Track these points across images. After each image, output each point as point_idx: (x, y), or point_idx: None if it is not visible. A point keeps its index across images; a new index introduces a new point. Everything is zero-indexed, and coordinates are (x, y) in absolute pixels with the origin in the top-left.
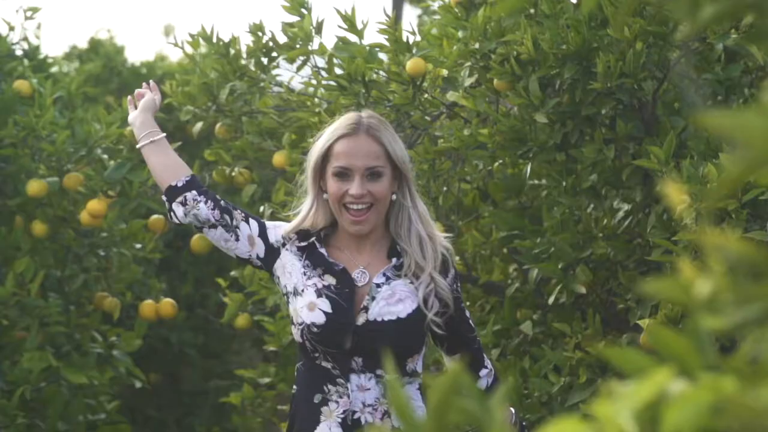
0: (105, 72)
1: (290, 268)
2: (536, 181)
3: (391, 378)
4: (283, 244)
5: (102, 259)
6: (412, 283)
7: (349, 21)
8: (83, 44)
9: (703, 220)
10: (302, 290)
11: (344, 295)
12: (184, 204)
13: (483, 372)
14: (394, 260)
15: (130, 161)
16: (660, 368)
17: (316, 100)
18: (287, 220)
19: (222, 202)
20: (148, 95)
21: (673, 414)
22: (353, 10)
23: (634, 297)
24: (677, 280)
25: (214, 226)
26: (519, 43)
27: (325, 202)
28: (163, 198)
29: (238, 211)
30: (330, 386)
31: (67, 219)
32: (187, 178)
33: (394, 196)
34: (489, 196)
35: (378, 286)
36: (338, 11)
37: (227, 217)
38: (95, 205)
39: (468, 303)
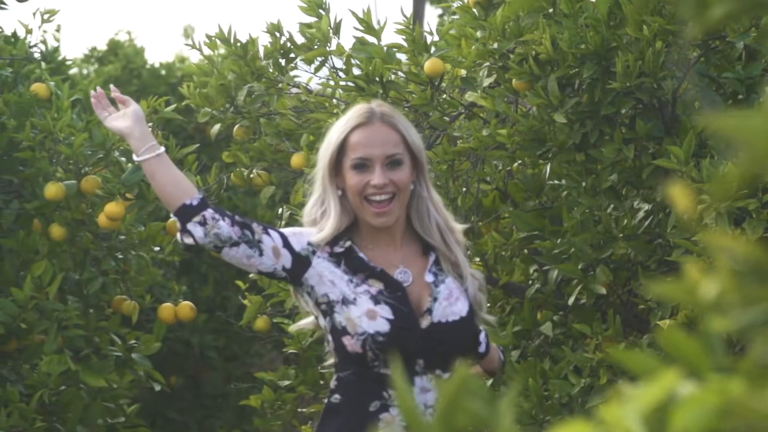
0: (124, 74)
1: (331, 276)
2: (556, 182)
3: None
4: (313, 252)
5: (120, 262)
6: (455, 279)
7: (366, 22)
8: (103, 46)
9: (722, 219)
10: (353, 299)
11: (400, 299)
12: (203, 224)
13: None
14: (431, 256)
15: None
16: (668, 370)
17: (334, 101)
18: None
19: (238, 217)
20: (134, 105)
21: (680, 416)
22: (369, 10)
23: (655, 298)
24: (684, 282)
25: (236, 244)
26: (538, 42)
27: (343, 199)
28: (175, 218)
29: (256, 223)
30: (391, 391)
31: (85, 222)
32: (200, 196)
33: (412, 186)
34: (509, 197)
35: (435, 285)
36: (353, 13)
37: (248, 233)
38: (113, 207)
39: (489, 304)
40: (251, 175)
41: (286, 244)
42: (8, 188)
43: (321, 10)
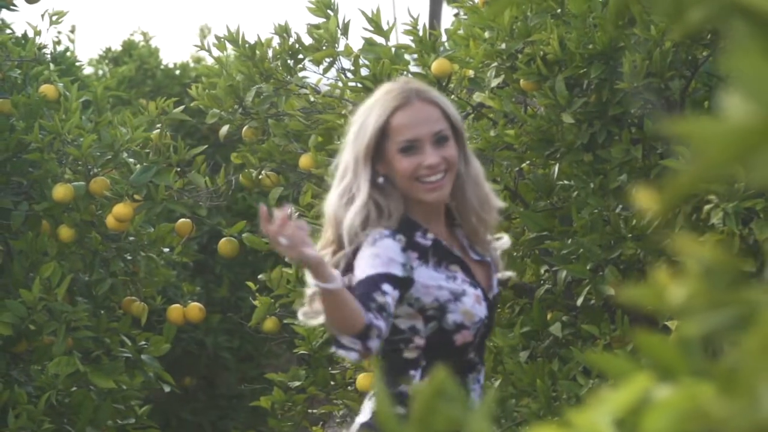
0: (138, 74)
1: (433, 282)
2: (566, 182)
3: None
4: (411, 268)
5: (129, 264)
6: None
7: (375, 22)
8: (118, 47)
9: (730, 219)
10: (462, 290)
11: (474, 279)
12: (379, 336)
13: None
14: (459, 231)
15: (155, 165)
16: (641, 373)
17: (343, 102)
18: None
19: (375, 305)
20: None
21: (649, 421)
22: (378, 10)
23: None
24: (652, 286)
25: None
26: (545, 43)
27: (387, 186)
28: (354, 340)
29: (378, 292)
30: (469, 375)
31: (95, 223)
32: (366, 312)
33: None
34: (519, 197)
35: (483, 258)
36: (363, 12)
37: (388, 311)
38: (121, 209)
39: (499, 305)
40: (260, 176)
41: (396, 284)
42: (17, 190)
43: (329, 11)
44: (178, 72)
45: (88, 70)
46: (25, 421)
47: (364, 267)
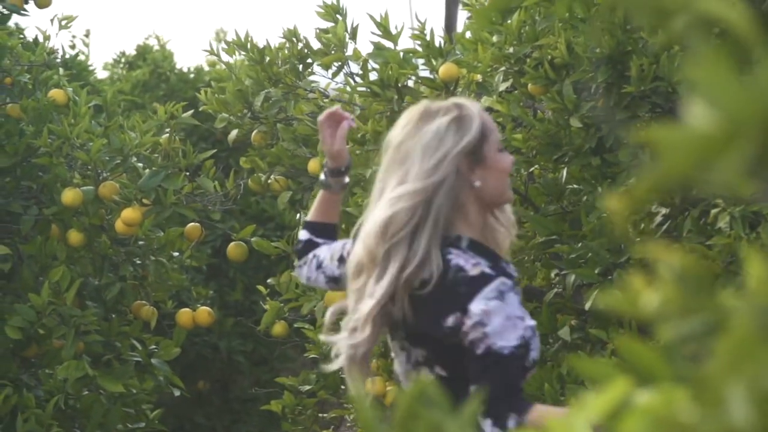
0: (152, 78)
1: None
2: (575, 186)
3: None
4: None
5: (138, 268)
6: None
7: (383, 26)
8: (133, 51)
9: (737, 224)
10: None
11: None
12: None
13: None
14: None
15: (164, 169)
16: (620, 379)
17: (353, 106)
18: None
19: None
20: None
21: (625, 427)
22: (387, 15)
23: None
24: (627, 293)
25: None
26: (553, 47)
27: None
28: None
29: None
30: None
31: (105, 227)
32: None
33: None
34: (529, 201)
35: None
36: (371, 17)
37: None
38: (130, 213)
39: None
40: (269, 181)
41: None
42: (27, 194)
43: (338, 15)
44: (192, 76)
45: (103, 74)
46: (33, 425)
47: (507, 335)
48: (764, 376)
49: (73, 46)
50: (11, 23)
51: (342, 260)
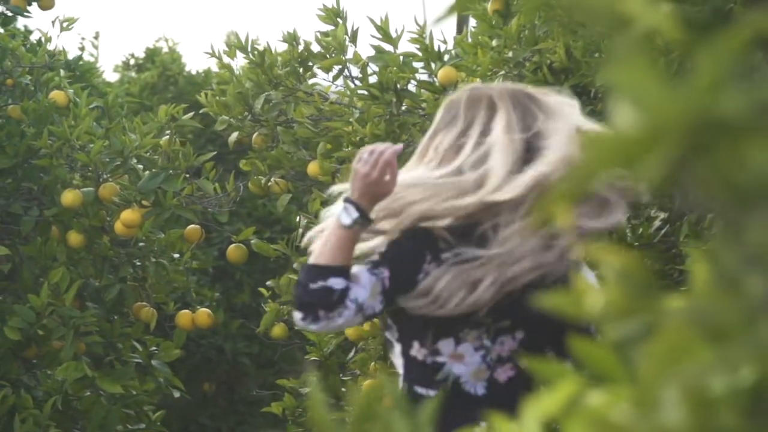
0: (161, 81)
1: None
2: None
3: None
4: None
5: (138, 269)
6: None
7: (383, 30)
8: (143, 54)
9: None
10: None
11: None
12: None
13: None
14: None
15: (164, 171)
16: (569, 379)
17: (352, 109)
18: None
19: None
20: None
21: (570, 429)
22: (387, 18)
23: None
24: (572, 294)
25: None
26: (552, 51)
27: None
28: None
29: None
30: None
31: (105, 229)
32: None
33: None
34: None
35: None
36: (371, 20)
37: None
38: (129, 215)
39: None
40: (269, 183)
41: None
42: (28, 195)
43: (339, 19)
44: (200, 79)
45: (114, 77)
46: (31, 426)
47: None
48: (695, 377)
49: (82, 48)
50: (20, 26)
51: (386, 293)
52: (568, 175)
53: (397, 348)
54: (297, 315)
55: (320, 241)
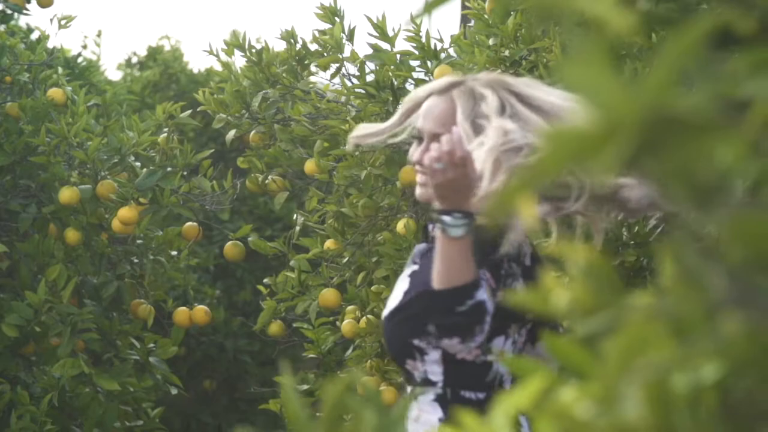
0: (163, 79)
1: None
2: None
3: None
4: None
5: (136, 267)
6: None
7: (380, 28)
8: (145, 52)
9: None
10: None
11: None
12: None
13: None
14: (423, 245)
15: (161, 169)
16: (540, 375)
17: (349, 107)
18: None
19: None
20: None
21: (539, 423)
22: (384, 17)
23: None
24: (538, 291)
25: None
26: (548, 50)
27: None
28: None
29: None
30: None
31: (103, 226)
32: None
33: None
34: None
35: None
36: (369, 18)
37: None
38: (126, 212)
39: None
40: (266, 181)
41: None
42: (26, 193)
43: (336, 18)
44: (201, 78)
45: (118, 75)
46: (27, 423)
47: None
48: (656, 372)
49: (84, 46)
50: (22, 24)
51: (493, 291)
52: (527, 168)
53: (434, 354)
54: (453, 341)
55: (436, 266)
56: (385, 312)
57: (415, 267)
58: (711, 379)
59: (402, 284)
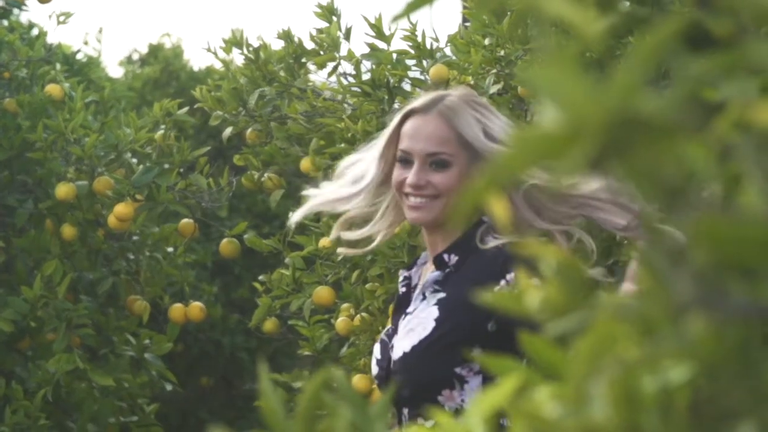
0: (163, 76)
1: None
2: None
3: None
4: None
5: (132, 263)
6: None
7: (377, 28)
8: (146, 49)
9: None
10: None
11: (392, 333)
12: None
13: None
14: (437, 273)
15: (158, 166)
16: (515, 374)
17: (345, 105)
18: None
19: None
20: None
21: (514, 423)
22: (380, 16)
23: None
24: (514, 290)
25: None
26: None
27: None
28: None
29: None
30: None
31: (100, 222)
32: None
33: None
34: None
35: (406, 315)
36: (365, 18)
37: None
38: (122, 208)
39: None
40: (262, 179)
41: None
42: (23, 188)
43: (333, 16)
44: (202, 75)
45: (119, 71)
46: (21, 417)
47: None
48: (621, 372)
49: (86, 43)
50: (23, 20)
51: None
52: (492, 168)
53: (475, 381)
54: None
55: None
56: (411, 344)
57: (442, 294)
58: (678, 379)
59: (426, 313)
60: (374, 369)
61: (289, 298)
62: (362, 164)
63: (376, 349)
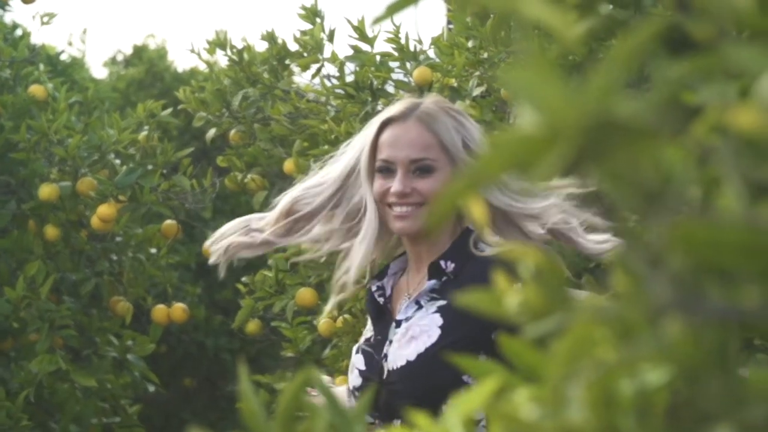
0: (148, 77)
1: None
2: None
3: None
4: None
5: (115, 264)
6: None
7: (360, 30)
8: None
9: None
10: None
11: (378, 343)
12: None
13: None
14: (433, 281)
15: (141, 167)
16: (494, 376)
17: (329, 107)
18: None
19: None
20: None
21: (493, 427)
22: (363, 18)
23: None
24: (492, 292)
25: None
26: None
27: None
28: None
29: None
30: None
31: (83, 223)
32: None
33: None
34: None
35: (399, 324)
36: (348, 20)
37: None
38: (105, 209)
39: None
40: (245, 180)
41: None
42: (6, 189)
43: (317, 18)
44: (187, 75)
45: (104, 72)
46: (3, 418)
47: None
48: (598, 374)
49: (70, 44)
50: (7, 20)
51: None
52: (469, 170)
53: None
54: None
55: None
56: (416, 351)
57: (442, 302)
58: (656, 382)
59: (428, 321)
60: (355, 380)
61: (272, 300)
62: (329, 188)
63: (359, 360)
